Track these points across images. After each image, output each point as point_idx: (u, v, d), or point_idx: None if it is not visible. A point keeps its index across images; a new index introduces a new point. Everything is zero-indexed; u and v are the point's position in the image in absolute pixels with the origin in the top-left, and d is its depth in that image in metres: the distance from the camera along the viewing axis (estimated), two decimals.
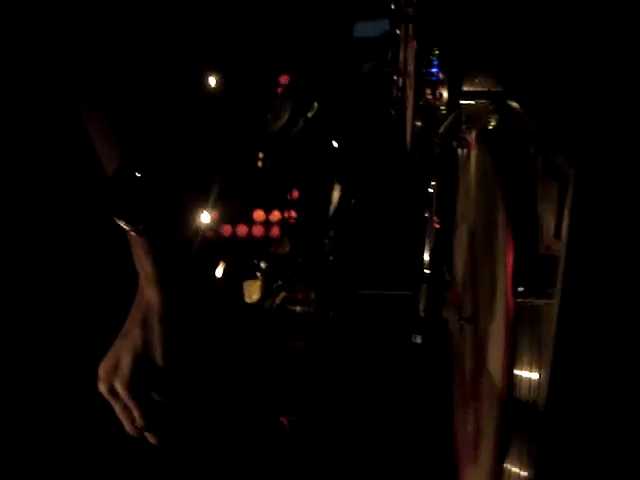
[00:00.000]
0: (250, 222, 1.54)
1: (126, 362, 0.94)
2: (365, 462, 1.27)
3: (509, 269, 0.78)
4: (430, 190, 1.13)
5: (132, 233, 0.89)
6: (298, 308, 1.33)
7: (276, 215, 1.54)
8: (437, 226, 1.13)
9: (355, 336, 1.33)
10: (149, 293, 0.93)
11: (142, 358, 0.93)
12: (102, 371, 0.95)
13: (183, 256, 0.92)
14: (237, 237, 1.51)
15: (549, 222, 0.75)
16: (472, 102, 0.98)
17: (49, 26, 0.94)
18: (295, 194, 1.48)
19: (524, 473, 0.80)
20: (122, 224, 0.87)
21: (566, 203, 0.71)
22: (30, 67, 1.05)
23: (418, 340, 1.10)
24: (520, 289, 0.75)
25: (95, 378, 0.96)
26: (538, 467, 0.77)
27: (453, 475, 1.00)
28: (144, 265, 0.91)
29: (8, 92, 1.07)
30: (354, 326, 1.34)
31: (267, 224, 1.55)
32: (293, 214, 1.44)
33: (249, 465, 1.23)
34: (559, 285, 0.73)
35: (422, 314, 1.08)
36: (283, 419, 1.34)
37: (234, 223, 1.52)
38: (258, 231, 1.56)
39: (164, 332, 0.93)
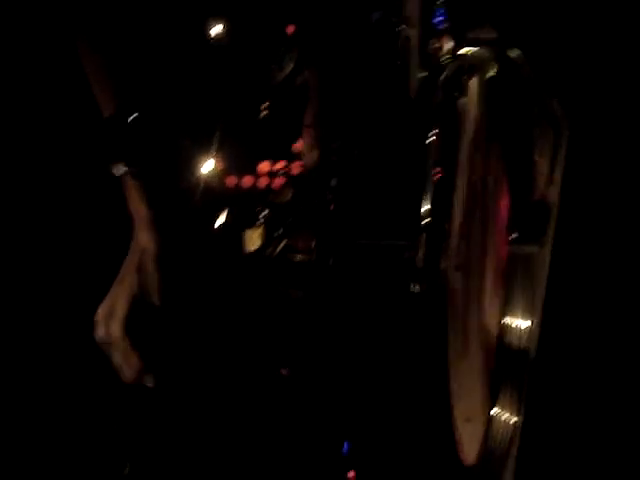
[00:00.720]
0: (254, 172, 1.53)
1: (122, 306, 0.94)
2: (363, 414, 1.29)
3: (504, 216, 0.79)
4: (430, 139, 1.12)
5: (127, 176, 0.89)
6: (299, 257, 1.33)
7: (281, 165, 1.54)
8: (437, 176, 1.13)
9: (354, 285, 1.34)
10: (143, 237, 0.93)
11: (138, 301, 0.94)
12: (99, 316, 0.96)
13: (179, 200, 0.92)
14: (241, 187, 1.51)
15: (543, 168, 0.76)
16: (472, 50, 0.97)
17: None
18: (298, 144, 1.47)
19: (514, 419, 0.82)
20: (117, 167, 0.87)
21: (560, 150, 0.71)
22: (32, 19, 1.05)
23: (417, 289, 1.10)
24: (514, 235, 0.75)
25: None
26: (527, 414, 0.78)
27: (448, 428, 1.01)
28: (138, 209, 0.92)
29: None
30: (354, 275, 1.34)
31: (272, 174, 1.54)
32: (296, 163, 1.43)
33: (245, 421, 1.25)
34: (552, 232, 0.73)
35: (420, 263, 1.09)
36: (282, 369, 1.35)
37: (238, 173, 1.52)
38: (263, 182, 1.56)
39: (159, 275, 0.94)
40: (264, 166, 1.50)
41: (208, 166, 1.34)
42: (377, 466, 1.25)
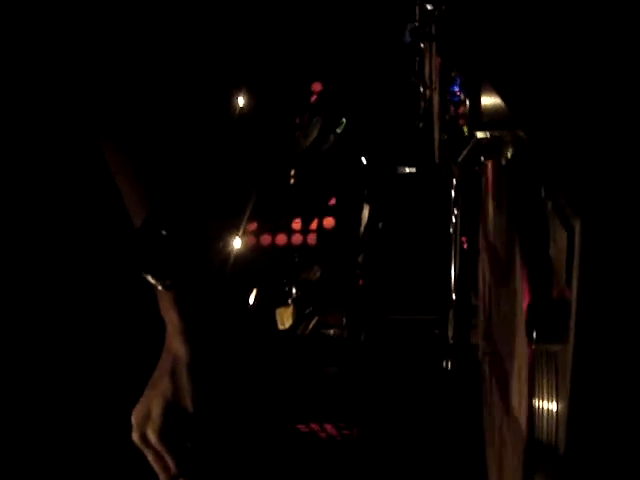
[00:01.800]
0: (288, 230, 1.56)
1: (157, 411, 0.97)
2: None
3: (524, 314, 0.79)
4: (453, 215, 1.13)
5: (159, 287, 0.91)
6: (331, 332, 1.35)
7: (313, 222, 1.55)
8: (462, 248, 1.13)
9: (387, 360, 1.34)
10: (176, 344, 0.96)
11: (172, 407, 0.96)
12: (134, 420, 0.99)
13: (211, 305, 0.94)
14: (277, 245, 1.53)
15: (561, 268, 0.76)
16: (487, 134, 0.98)
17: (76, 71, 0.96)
18: (325, 213, 1.49)
19: None
20: (149, 279, 0.89)
21: (575, 253, 0.71)
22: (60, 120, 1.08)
23: (448, 366, 1.11)
24: (534, 335, 0.75)
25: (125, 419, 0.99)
26: None
27: None
28: (171, 317, 0.95)
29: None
30: (385, 350, 1.35)
31: (305, 231, 1.56)
32: (327, 219, 1.45)
33: None
34: (572, 332, 0.73)
35: (451, 340, 1.09)
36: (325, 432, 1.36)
37: (272, 233, 1.54)
38: (297, 239, 1.58)
39: (192, 382, 0.96)
40: (297, 224, 1.52)
41: (238, 244, 1.36)
42: None
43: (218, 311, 1.00)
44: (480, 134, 1.02)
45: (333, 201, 1.55)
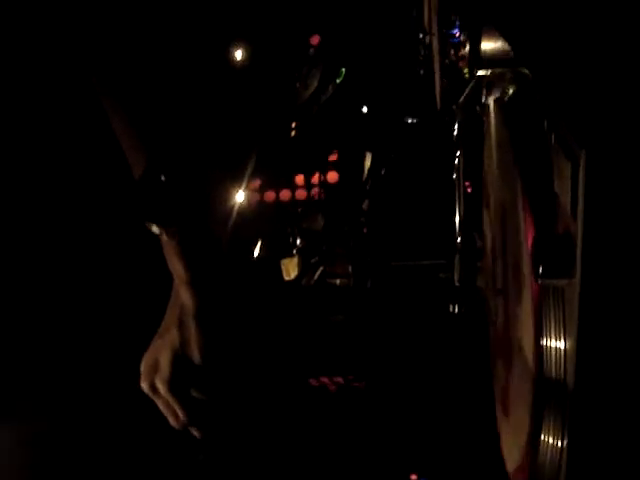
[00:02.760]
0: (292, 185, 1.55)
1: (165, 361, 0.97)
2: (407, 428, 1.29)
3: (529, 250, 0.78)
4: (456, 158, 1.12)
5: (163, 236, 0.90)
6: (337, 282, 1.35)
7: (315, 176, 1.55)
8: (465, 192, 1.13)
9: (393, 307, 1.34)
10: (183, 294, 0.95)
11: (180, 357, 0.96)
12: (143, 369, 0.98)
13: (216, 254, 0.94)
14: (281, 201, 1.52)
15: (566, 201, 0.75)
16: (489, 71, 0.96)
17: (73, 30, 0.95)
18: (326, 162, 1.49)
19: (558, 443, 0.81)
20: (152, 228, 0.89)
21: (579, 183, 0.70)
22: (56, 68, 1.07)
23: (455, 309, 1.10)
24: (540, 270, 0.74)
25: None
26: (570, 438, 0.78)
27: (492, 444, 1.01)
28: (176, 267, 0.94)
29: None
30: (391, 297, 1.35)
31: (308, 186, 1.55)
32: (324, 181, 1.44)
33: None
34: (579, 265, 0.72)
35: (457, 283, 1.09)
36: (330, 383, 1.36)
37: (275, 188, 1.54)
38: (301, 194, 1.57)
39: (200, 331, 0.96)
40: (300, 179, 1.51)
41: (241, 196, 1.36)
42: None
43: (224, 261, 1.00)
44: (481, 72, 1.01)
45: (335, 154, 1.54)
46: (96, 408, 1.09)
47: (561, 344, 0.83)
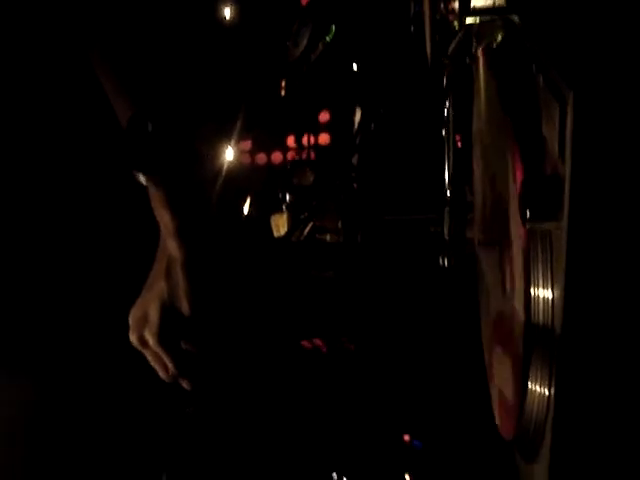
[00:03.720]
0: (283, 147, 1.54)
1: (154, 313, 0.97)
2: (398, 387, 1.30)
3: (517, 193, 0.78)
4: (445, 110, 1.11)
5: (150, 186, 0.89)
6: (327, 237, 1.34)
7: (306, 138, 1.54)
8: (456, 147, 1.12)
9: (383, 262, 1.34)
10: (170, 245, 0.95)
11: (169, 308, 0.95)
12: (131, 322, 0.98)
13: (203, 205, 0.93)
14: (273, 163, 1.52)
15: (554, 144, 0.74)
16: (477, 19, 0.95)
17: None
18: (317, 122, 1.47)
19: (545, 391, 0.81)
20: (139, 178, 0.88)
21: (567, 125, 0.70)
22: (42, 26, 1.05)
23: (445, 263, 1.10)
24: (528, 213, 0.74)
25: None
26: (557, 385, 0.78)
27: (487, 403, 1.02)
28: (163, 217, 0.94)
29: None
30: (382, 251, 1.34)
31: (299, 147, 1.54)
32: (315, 142, 1.43)
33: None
34: (566, 207, 0.72)
35: (447, 237, 1.08)
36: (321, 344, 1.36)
37: (267, 150, 1.53)
38: (291, 155, 1.56)
39: (188, 282, 0.96)
40: (291, 140, 1.49)
41: (230, 153, 1.35)
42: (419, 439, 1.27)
43: (212, 213, 0.99)
44: (470, 20, 1.00)
45: (327, 113, 1.52)
46: (82, 367, 1.10)
47: (549, 292, 0.83)
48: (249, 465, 1.25)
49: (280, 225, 1.36)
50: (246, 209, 1.35)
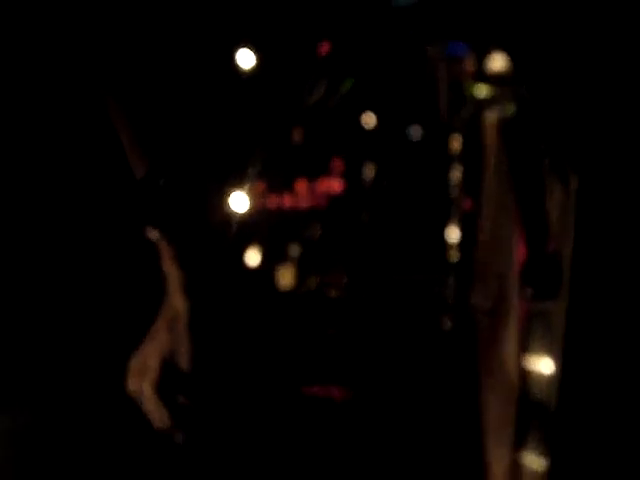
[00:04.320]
0: (294, 192, 1.55)
1: (153, 364, 0.98)
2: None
3: (519, 269, 0.78)
4: (455, 176, 1.12)
5: (160, 241, 0.91)
6: (332, 292, 1.34)
7: (320, 184, 1.55)
8: (465, 210, 1.13)
9: (387, 319, 1.33)
10: (176, 299, 0.96)
11: (168, 361, 0.96)
12: (131, 369, 0.99)
13: (212, 262, 0.94)
14: (283, 208, 1.52)
15: (556, 222, 0.75)
16: (490, 88, 0.97)
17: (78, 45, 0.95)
18: (330, 175, 1.48)
19: (539, 463, 0.81)
20: (150, 233, 0.89)
21: (570, 203, 0.70)
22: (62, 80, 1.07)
23: (447, 325, 1.10)
24: (529, 291, 0.75)
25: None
26: (552, 459, 0.77)
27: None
28: (172, 272, 0.95)
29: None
30: (386, 309, 1.34)
31: (311, 193, 1.55)
32: (327, 190, 1.44)
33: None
34: (567, 286, 0.73)
35: (450, 300, 1.09)
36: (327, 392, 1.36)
37: (277, 194, 1.54)
38: (303, 201, 1.57)
39: (189, 339, 0.96)
40: (302, 187, 1.50)
41: (240, 204, 1.36)
42: None
43: (219, 268, 1.00)
44: (484, 89, 1.01)
45: (339, 164, 1.53)
46: (79, 404, 1.10)
47: (546, 369, 0.83)
48: None
49: (286, 277, 1.36)
50: (253, 260, 1.36)
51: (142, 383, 1.02)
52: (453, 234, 1.17)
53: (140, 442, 1.12)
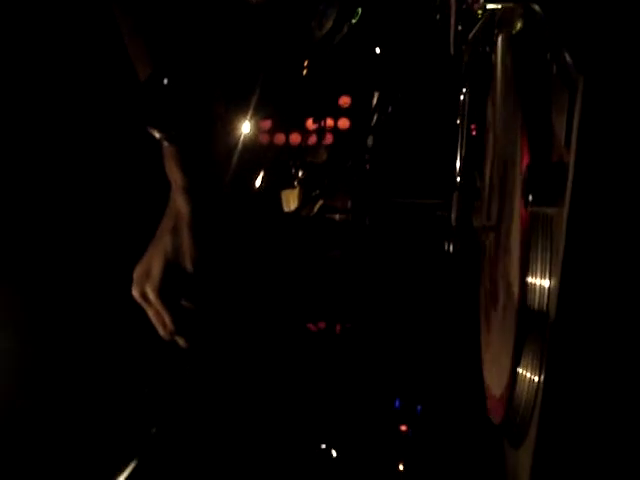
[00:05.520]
0: (302, 129, 1.54)
1: (157, 268, 0.98)
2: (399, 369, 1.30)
3: (521, 177, 0.78)
4: (463, 97, 1.12)
5: (163, 141, 0.90)
6: (336, 216, 1.34)
7: (328, 121, 1.54)
8: (470, 133, 1.12)
9: (390, 244, 1.34)
10: (179, 201, 0.96)
11: (172, 265, 0.96)
12: (135, 276, 0.99)
13: (215, 165, 0.93)
14: (290, 145, 1.52)
15: (561, 131, 0.75)
16: (499, 6, 0.96)
17: None
18: (337, 105, 1.48)
19: (535, 377, 0.82)
20: (153, 133, 0.89)
21: (575, 112, 0.70)
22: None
23: (450, 248, 1.11)
24: (530, 197, 0.75)
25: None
26: (547, 372, 0.78)
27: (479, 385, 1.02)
28: (174, 173, 0.94)
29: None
30: (389, 234, 1.35)
31: (320, 131, 1.55)
32: (334, 125, 1.44)
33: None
34: (568, 194, 0.73)
35: (453, 222, 1.09)
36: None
37: (285, 130, 1.53)
38: (312, 139, 1.57)
39: (193, 240, 0.96)
40: (310, 123, 1.50)
41: (246, 127, 1.36)
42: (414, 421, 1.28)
43: (222, 173, 1.00)
44: (492, 6, 1.00)
45: (347, 98, 1.52)
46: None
47: (545, 279, 0.84)
48: (241, 428, 1.27)
49: (291, 200, 1.37)
50: (258, 182, 1.36)
51: (146, 288, 1.02)
52: (456, 157, 1.17)
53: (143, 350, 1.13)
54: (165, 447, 1.22)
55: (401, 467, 1.28)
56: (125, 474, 1.17)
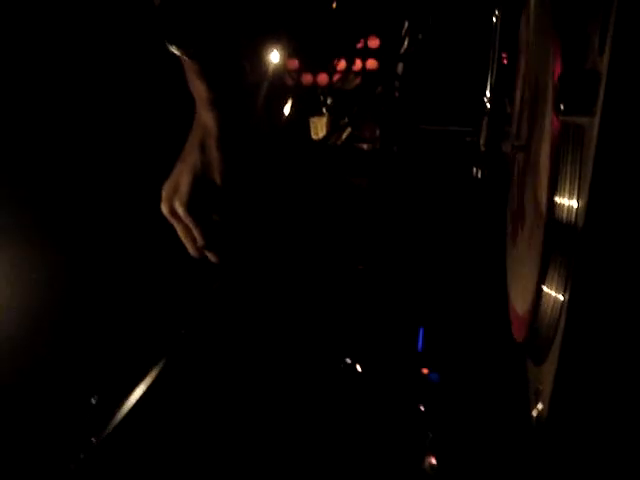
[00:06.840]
0: (331, 70, 1.53)
1: (185, 184, 0.98)
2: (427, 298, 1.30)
3: (554, 86, 0.77)
4: (494, 23, 1.10)
5: (185, 58, 0.90)
6: (364, 146, 1.34)
7: (357, 63, 1.53)
8: (500, 59, 1.11)
9: (418, 171, 1.33)
10: (205, 116, 0.95)
11: (201, 179, 0.96)
12: (164, 193, 0.99)
13: (239, 77, 0.92)
14: (318, 85, 1.51)
15: (595, 39, 0.73)
16: None
17: None
18: (365, 45, 1.46)
19: (559, 295, 0.81)
20: (173, 49, 0.88)
21: (610, 18, 0.69)
22: None
23: (479, 173, 1.10)
24: (562, 106, 0.74)
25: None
26: (572, 291, 0.78)
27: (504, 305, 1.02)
28: (198, 89, 0.94)
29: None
30: (418, 161, 1.34)
31: (347, 71, 1.53)
32: (370, 61, 1.42)
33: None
34: (600, 102, 0.71)
35: (482, 148, 1.08)
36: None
37: (313, 70, 1.52)
38: (329, 80, 1.55)
39: (221, 153, 0.96)
40: (341, 65, 1.48)
41: (275, 55, 1.35)
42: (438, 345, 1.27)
43: (247, 86, 0.99)
44: None
45: (376, 39, 1.50)
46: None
47: (574, 195, 0.83)
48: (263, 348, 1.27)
49: (319, 127, 1.36)
50: (287, 109, 1.36)
51: (174, 204, 1.02)
52: (486, 84, 1.16)
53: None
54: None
55: (422, 408, 1.28)
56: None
